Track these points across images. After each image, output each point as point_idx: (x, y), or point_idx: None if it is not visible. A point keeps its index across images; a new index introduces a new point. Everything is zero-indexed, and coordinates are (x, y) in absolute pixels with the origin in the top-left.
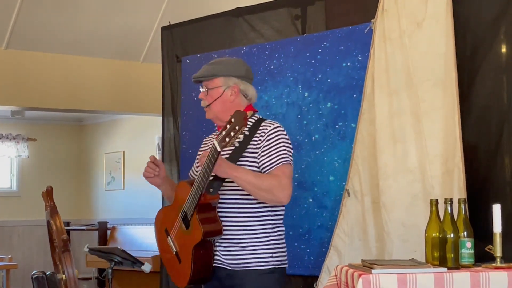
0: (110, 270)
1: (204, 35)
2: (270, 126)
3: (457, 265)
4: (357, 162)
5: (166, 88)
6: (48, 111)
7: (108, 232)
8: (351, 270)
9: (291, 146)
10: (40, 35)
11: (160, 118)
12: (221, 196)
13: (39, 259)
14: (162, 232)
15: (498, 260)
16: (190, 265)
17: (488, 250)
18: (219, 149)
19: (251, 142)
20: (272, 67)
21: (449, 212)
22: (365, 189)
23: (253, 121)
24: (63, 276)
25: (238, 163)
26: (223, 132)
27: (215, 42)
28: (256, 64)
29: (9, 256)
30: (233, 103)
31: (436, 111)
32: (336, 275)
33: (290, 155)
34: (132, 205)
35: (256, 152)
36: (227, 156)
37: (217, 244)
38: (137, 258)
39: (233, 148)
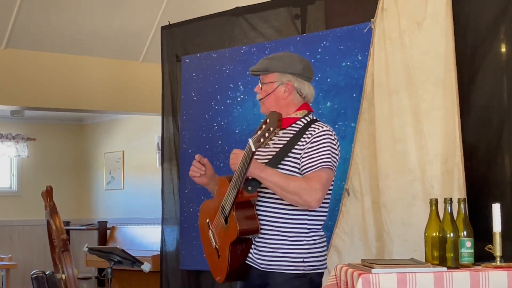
0: (109, 270)
1: (204, 34)
2: (318, 129)
3: (456, 265)
4: (357, 161)
5: (166, 88)
6: (48, 110)
7: (108, 231)
8: (351, 270)
9: (337, 151)
10: (40, 35)
11: (160, 117)
12: (259, 196)
13: (39, 258)
14: (205, 224)
15: (498, 259)
16: (227, 261)
17: (488, 250)
18: (253, 149)
19: (298, 143)
20: None
21: (449, 211)
22: (365, 189)
23: (305, 121)
24: (63, 275)
25: (282, 163)
26: (258, 132)
27: (215, 42)
28: (255, 64)
29: (9, 255)
30: (286, 100)
31: (436, 111)
32: (336, 275)
33: (333, 161)
34: (131, 205)
35: (299, 154)
36: (272, 156)
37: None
38: (137, 257)
39: (279, 148)
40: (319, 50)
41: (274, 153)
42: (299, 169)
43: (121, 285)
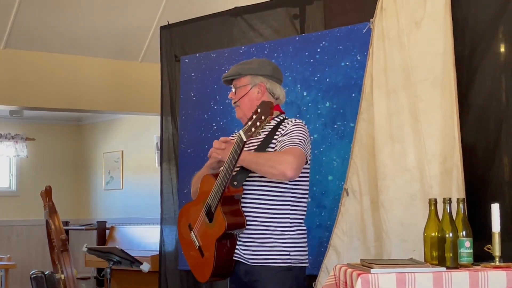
0: (108, 270)
1: (203, 34)
2: (292, 121)
3: (455, 265)
4: (355, 161)
5: (165, 88)
6: (47, 110)
7: (107, 231)
8: (350, 270)
9: (308, 139)
10: (38, 35)
11: (159, 117)
12: (243, 193)
13: (38, 258)
14: (186, 227)
15: (497, 259)
16: (213, 258)
17: (487, 250)
18: (244, 139)
19: (274, 137)
20: None
21: (448, 211)
22: (363, 189)
23: (278, 120)
24: (62, 275)
25: None
26: (249, 123)
27: (214, 42)
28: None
29: (8, 256)
30: (260, 101)
31: (435, 111)
32: (335, 275)
33: (303, 143)
34: (130, 205)
35: (277, 145)
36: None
37: (237, 238)
38: (136, 257)
39: (257, 145)
40: (318, 50)
41: (252, 150)
42: None
43: (120, 285)
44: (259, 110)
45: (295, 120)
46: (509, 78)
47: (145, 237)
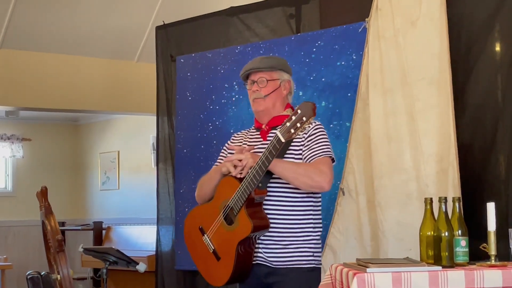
0: (105, 270)
1: (199, 34)
2: (312, 124)
3: (451, 264)
4: (352, 161)
5: (161, 88)
6: (43, 111)
7: (103, 232)
8: (346, 269)
9: (330, 144)
10: (34, 35)
11: (155, 117)
12: (267, 194)
13: (34, 259)
14: (197, 231)
15: (493, 258)
16: (233, 262)
17: (483, 249)
18: (283, 140)
19: (294, 140)
20: None
21: (444, 210)
22: (360, 188)
23: None
24: (58, 276)
25: (284, 158)
26: (287, 124)
27: (210, 42)
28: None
29: (4, 256)
30: (284, 98)
31: (431, 110)
32: (331, 274)
33: (330, 150)
34: (127, 205)
35: (301, 149)
36: None
37: (258, 241)
38: (132, 258)
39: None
40: (314, 49)
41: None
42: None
43: (117, 285)
44: (299, 111)
45: (314, 121)
46: (504, 77)
47: (141, 237)
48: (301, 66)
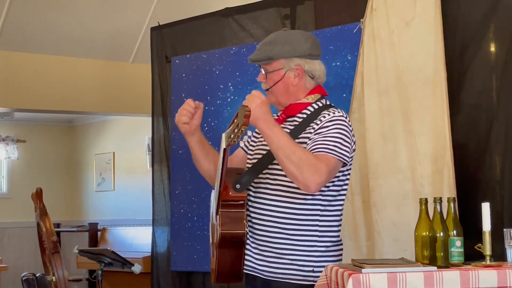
0: (100, 272)
1: (194, 35)
2: (329, 114)
3: (446, 264)
4: None
5: (156, 89)
6: (38, 112)
7: (99, 233)
8: (341, 270)
9: (349, 141)
10: (29, 36)
11: (150, 118)
12: (261, 193)
13: (30, 261)
14: (212, 214)
15: (488, 258)
16: (215, 264)
17: (478, 249)
18: (224, 146)
19: (305, 130)
20: None
21: (439, 211)
22: (355, 189)
23: (316, 107)
24: (53, 277)
25: None
26: (229, 128)
27: (205, 42)
28: (245, 64)
29: (0, 258)
30: (297, 86)
31: (426, 110)
32: (326, 275)
33: (343, 150)
34: (122, 206)
35: (309, 138)
36: None
37: (253, 246)
38: (127, 259)
39: (289, 130)
40: None
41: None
42: None
43: (112, 286)
44: (237, 116)
45: (335, 112)
46: (499, 77)
47: (137, 239)
48: None
